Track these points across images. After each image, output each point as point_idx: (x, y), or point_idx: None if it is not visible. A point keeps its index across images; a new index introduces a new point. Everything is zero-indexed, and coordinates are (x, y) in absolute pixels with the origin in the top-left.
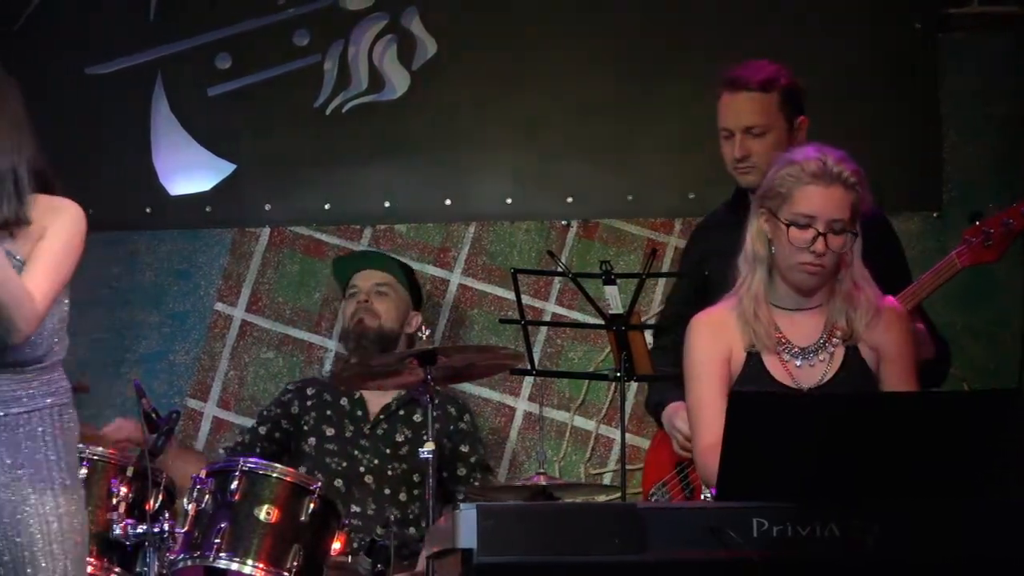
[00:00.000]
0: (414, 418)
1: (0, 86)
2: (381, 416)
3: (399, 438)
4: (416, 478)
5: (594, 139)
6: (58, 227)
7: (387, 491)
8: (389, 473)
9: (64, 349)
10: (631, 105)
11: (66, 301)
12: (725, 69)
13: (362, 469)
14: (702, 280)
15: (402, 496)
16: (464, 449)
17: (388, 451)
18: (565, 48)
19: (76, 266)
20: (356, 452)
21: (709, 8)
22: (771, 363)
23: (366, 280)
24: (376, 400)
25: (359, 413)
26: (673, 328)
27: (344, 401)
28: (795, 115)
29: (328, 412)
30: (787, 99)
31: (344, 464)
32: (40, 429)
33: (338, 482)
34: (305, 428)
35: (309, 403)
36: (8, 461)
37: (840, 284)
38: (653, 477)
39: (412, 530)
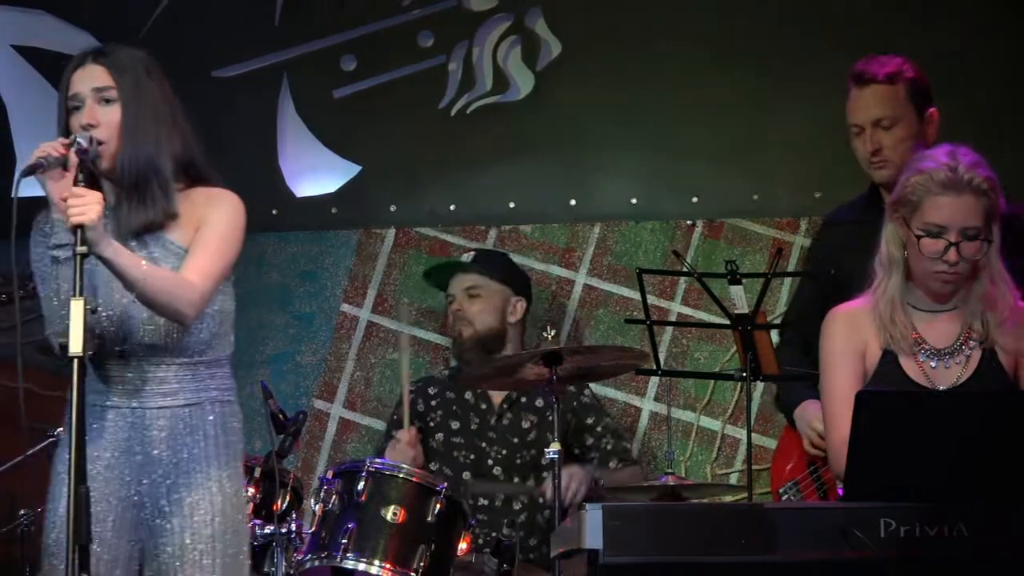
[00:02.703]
0: (536, 403)
1: (140, 80)
2: (505, 406)
3: (525, 425)
4: (544, 461)
5: (719, 138)
6: (217, 216)
7: (516, 480)
8: (518, 462)
9: (228, 347)
10: (756, 104)
11: (228, 300)
12: (852, 65)
13: (490, 461)
14: (829, 278)
15: (531, 483)
16: (589, 421)
17: (516, 440)
18: (689, 47)
19: (238, 254)
20: (483, 444)
21: (834, 6)
22: (907, 363)
23: (458, 285)
24: (498, 392)
25: (483, 406)
26: (798, 325)
27: (468, 395)
28: (924, 107)
29: (454, 407)
30: (914, 91)
31: (472, 457)
32: (201, 424)
33: (466, 475)
34: (432, 425)
35: (433, 401)
36: (167, 453)
37: (977, 285)
38: (783, 476)
39: (545, 514)
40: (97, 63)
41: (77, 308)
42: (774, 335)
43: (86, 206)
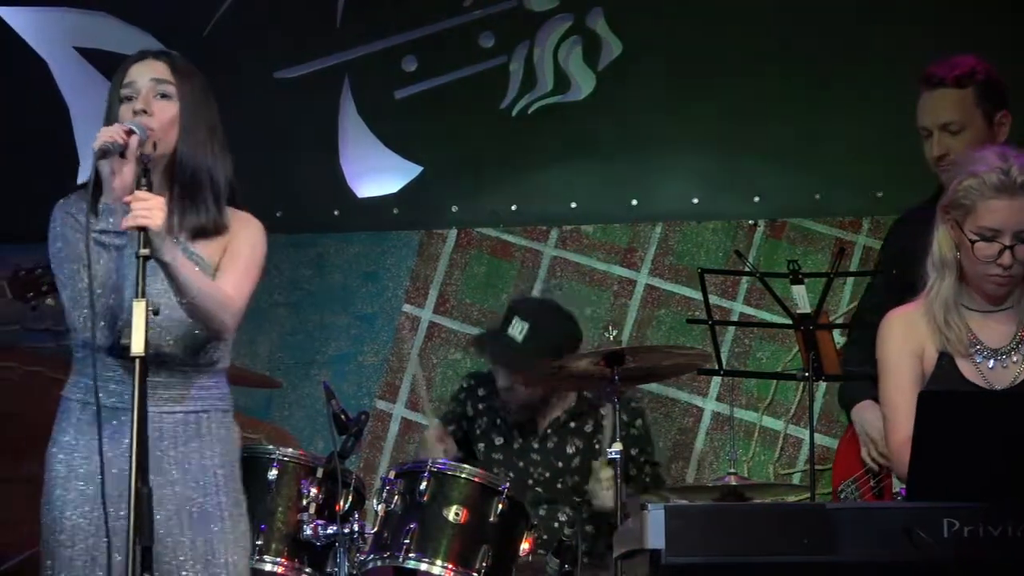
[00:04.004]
0: (585, 429)
1: (203, 90)
2: (549, 429)
3: (570, 450)
4: (585, 488)
5: (781, 138)
6: (247, 236)
7: (554, 503)
8: (559, 486)
9: (228, 359)
10: (818, 104)
11: None
12: (925, 66)
13: (531, 482)
14: (895, 278)
15: (568, 508)
16: (634, 452)
17: (560, 464)
18: (751, 47)
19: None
20: (524, 464)
21: (897, 4)
22: (963, 365)
23: (506, 370)
24: (545, 412)
25: (529, 425)
26: (868, 321)
27: (516, 410)
28: (995, 110)
29: (498, 420)
30: (985, 94)
31: (511, 475)
32: (208, 430)
33: None
34: (477, 431)
35: (481, 406)
36: (176, 457)
37: None
38: (842, 473)
39: (568, 531)
40: (159, 60)
41: (139, 309)
42: (836, 335)
43: (151, 210)
